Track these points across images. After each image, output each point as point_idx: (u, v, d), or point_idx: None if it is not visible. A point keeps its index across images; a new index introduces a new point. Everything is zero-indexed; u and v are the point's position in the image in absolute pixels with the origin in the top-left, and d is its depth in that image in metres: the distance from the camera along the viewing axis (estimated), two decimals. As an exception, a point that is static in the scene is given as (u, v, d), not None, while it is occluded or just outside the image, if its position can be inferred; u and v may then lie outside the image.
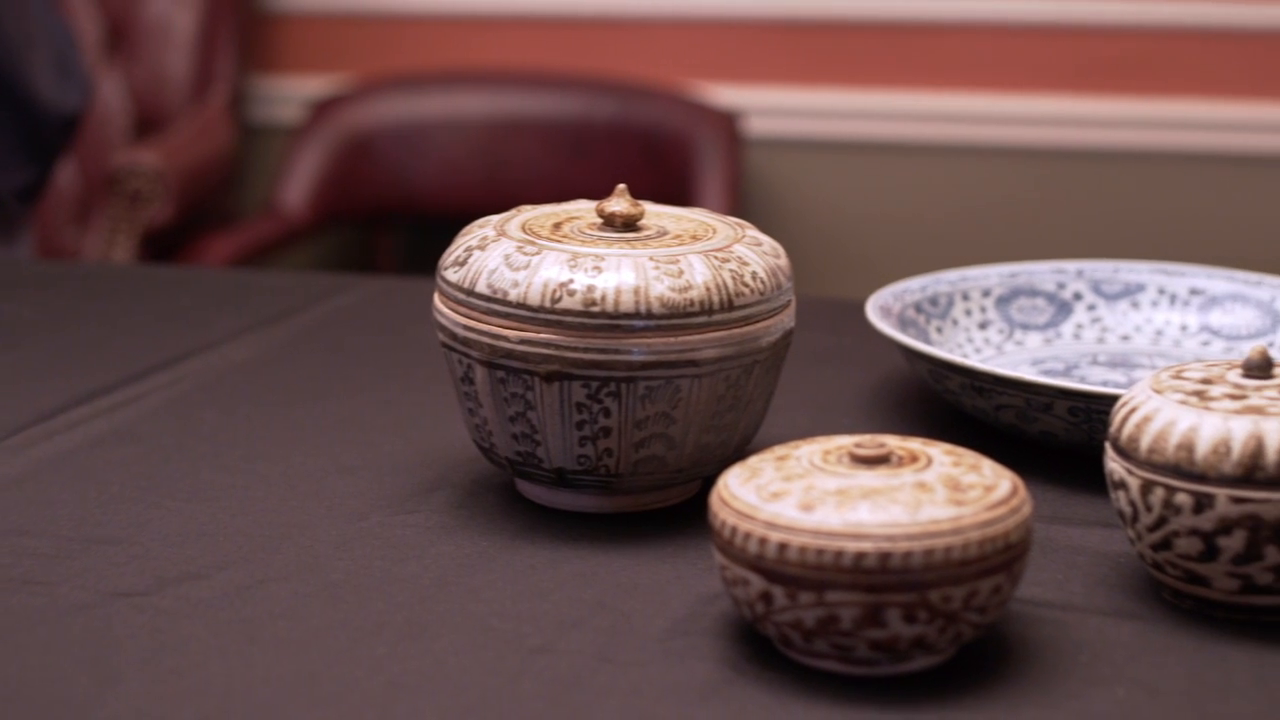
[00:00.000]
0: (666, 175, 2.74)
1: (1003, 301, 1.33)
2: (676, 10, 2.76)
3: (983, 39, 2.65)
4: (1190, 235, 2.61)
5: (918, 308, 1.27)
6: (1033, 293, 1.34)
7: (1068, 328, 1.33)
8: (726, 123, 2.74)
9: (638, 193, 1.08)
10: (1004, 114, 2.65)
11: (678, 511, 1.04)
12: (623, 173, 2.61)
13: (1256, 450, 0.87)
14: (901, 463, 0.86)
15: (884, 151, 2.72)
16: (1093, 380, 1.26)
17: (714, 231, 1.04)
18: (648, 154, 2.77)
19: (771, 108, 2.76)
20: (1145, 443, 0.90)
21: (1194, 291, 1.34)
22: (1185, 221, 2.62)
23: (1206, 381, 0.93)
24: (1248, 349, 1.07)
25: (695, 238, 1.03)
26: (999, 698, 0.85)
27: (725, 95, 2.76)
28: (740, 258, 1.01)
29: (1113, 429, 0.93)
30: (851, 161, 2.74)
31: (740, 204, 2.70)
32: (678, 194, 2.63)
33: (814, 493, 0.84)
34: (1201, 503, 0.88)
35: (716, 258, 1.00)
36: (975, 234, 2.69)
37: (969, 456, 0.88)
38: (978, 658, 0.88)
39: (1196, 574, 0.91)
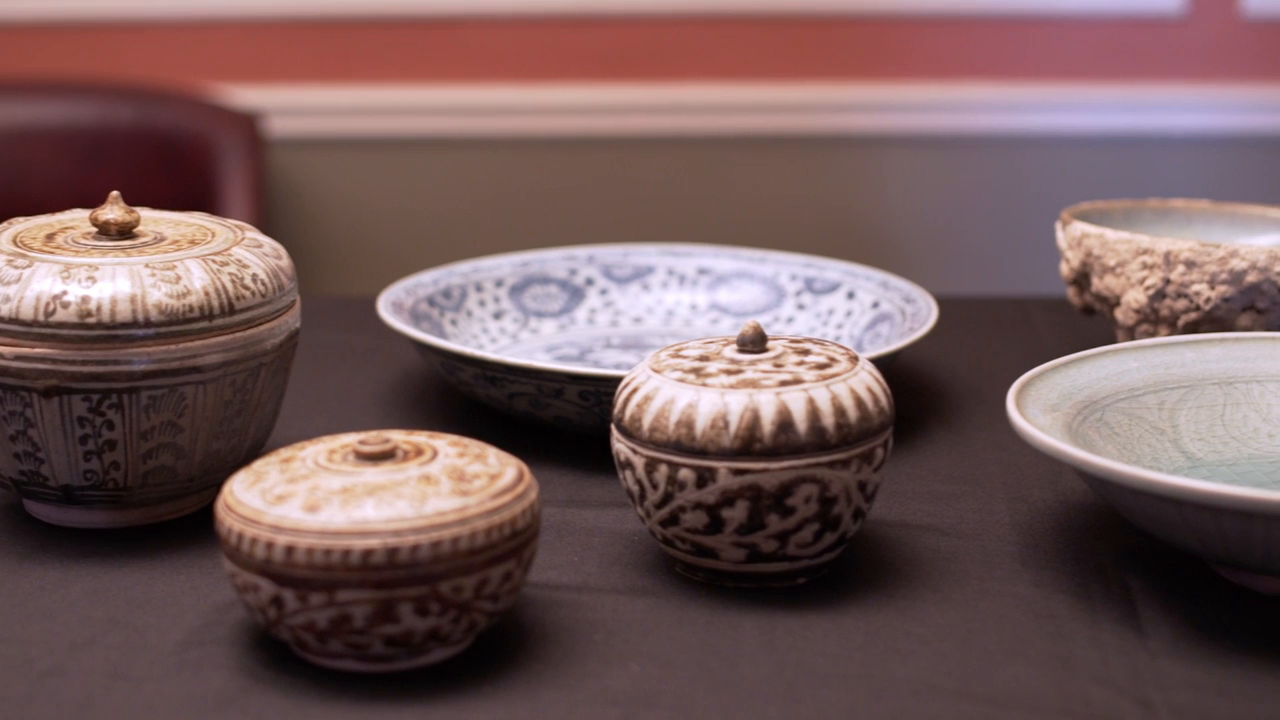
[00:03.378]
0: (188, 179, 2.69)
1: (516, 290, 1.34)
2: (191, 12, 2.71)
3: (499, 31, 2.66)
4: (698, 216, 2.67)
5: (431, 301, 1.28)
6: (545, 280, 1.35)
7: (581, 313, 1.35)
8: (247, 124, 2.70)
9: (158, 199, 1.06)
10: (517, 105, 2.67)
11: (193, 521, 1.03)
12: (143, 179, 2.55)
13: (753, 422, 0.90)
14: (407, 457, 0.86)
15: (405, 147, 2.72)
16: (607, 363, 1.28)
17: (213, 235, 1.02)
18: (168, 159, 2.71)
19: (293, 107, 2.73)
20: (647, 422, 0.92)
21: (702, 271, 1.37)
22: (693, 203, 2.68)
23: (704, 359, 0.95)
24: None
25: (193, 242, 1.01)
26: (517, 683, 0.85)
27: (245, 96, 2.72)
28: (240, 260, 1.00)
29: (616, 410, 0.95)
30: (376, 158, 2.73)
31: (265, 205, 2.67)
32: (200, 198, 2.58)
33: (319, 493, 0.83)
34: (704, 477, 0.90)
35: (215, 261, 0.99)
36: (504, 225, 2.71)
37: (474, 446, 0.89)
38: (495, 645, 0.89)
39: (704, 546, 0.93)
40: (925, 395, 1.26)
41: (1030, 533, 1.02)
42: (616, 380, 1.07)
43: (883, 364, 1.13)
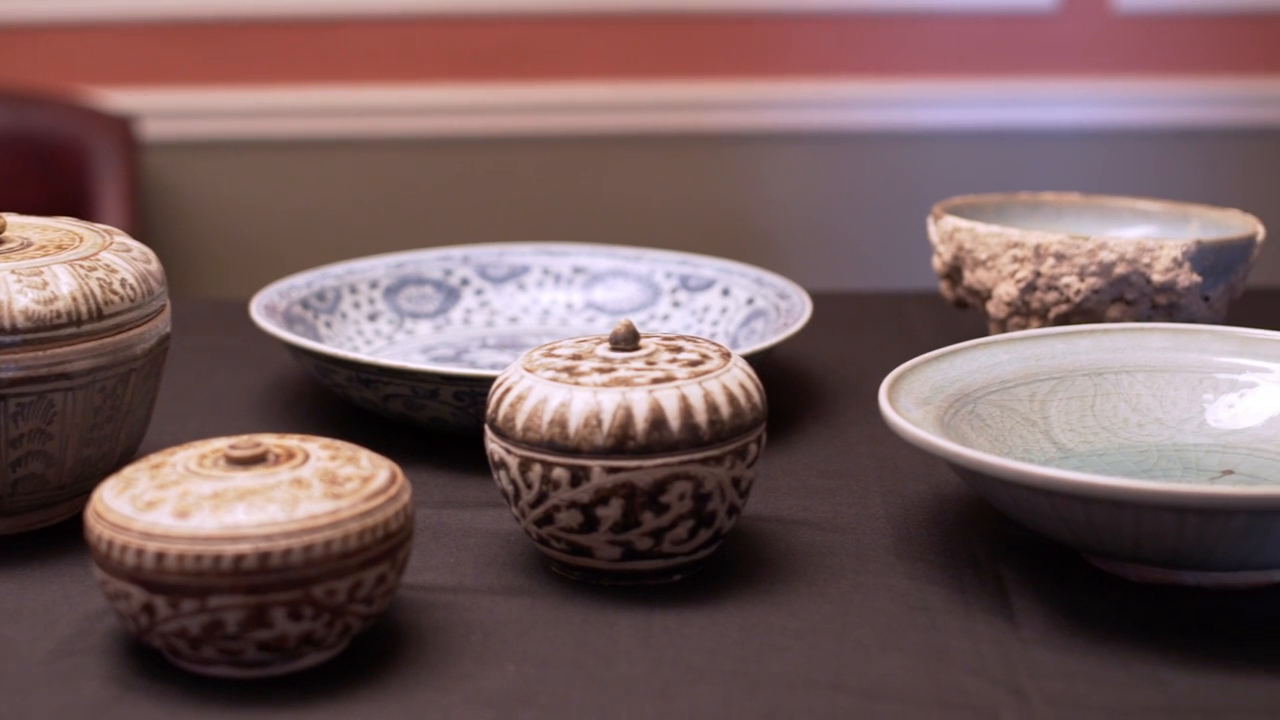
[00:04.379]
0: (62, 184, 2.66)
1: (391, 292, 1.33)
2: (64, 15, 2.69)
3: (372, 31, 2.65)
4: (574, 215, 2.67)
5: (304, 304, 1.27)
6: (420, 281, 1.35)
7: (457, 313, 1.34)
8: (121, 127, 2.68)
9: (32, 204, 1.05)
10: (391, 105, 2.66)
11: (64, 529, 1.01)
12: (16, 184, 2.52)
13: (626, 420, 0.90)
14: (278, 461, 0.86)
15: (280, 148, 2.70)
16: (483, 364, 1.27)
17: (80, 240, 1.01)
18: (41, 163, 2.68)
19: (168, 110, 2.71)
20: (520, 421, 0.92)
21: (577, 270, 1.37)
22: (569, 202, 2.68)
23: (576, 357, 0.95)
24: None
25: (61, 247, 1.00)
26: (392, 686, 0.85)
27: (119, 100, 2.70)
28: (108, 265, 0.99)
29: (489, 410, 0.94)
30: (251, 160, 2.71)
31: (140, 209, 2.64)
32: (75, 202, 2.56)
33: (190, 498, 0.83)
34: (578, 475, 0.90)
35: (83, 267, 0.98)
36: (379, 226, 2.70)
37: (347, 449, 0.88)
38: (371, 649, 0.88)
39: (580, 545, 0.93)
40: (801, 391, 1.26)
41: (904, 525, 1.03)
42: (490, 380, 1.07)
43: (757, 360, 1.14)
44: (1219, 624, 0.90)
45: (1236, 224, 1.29)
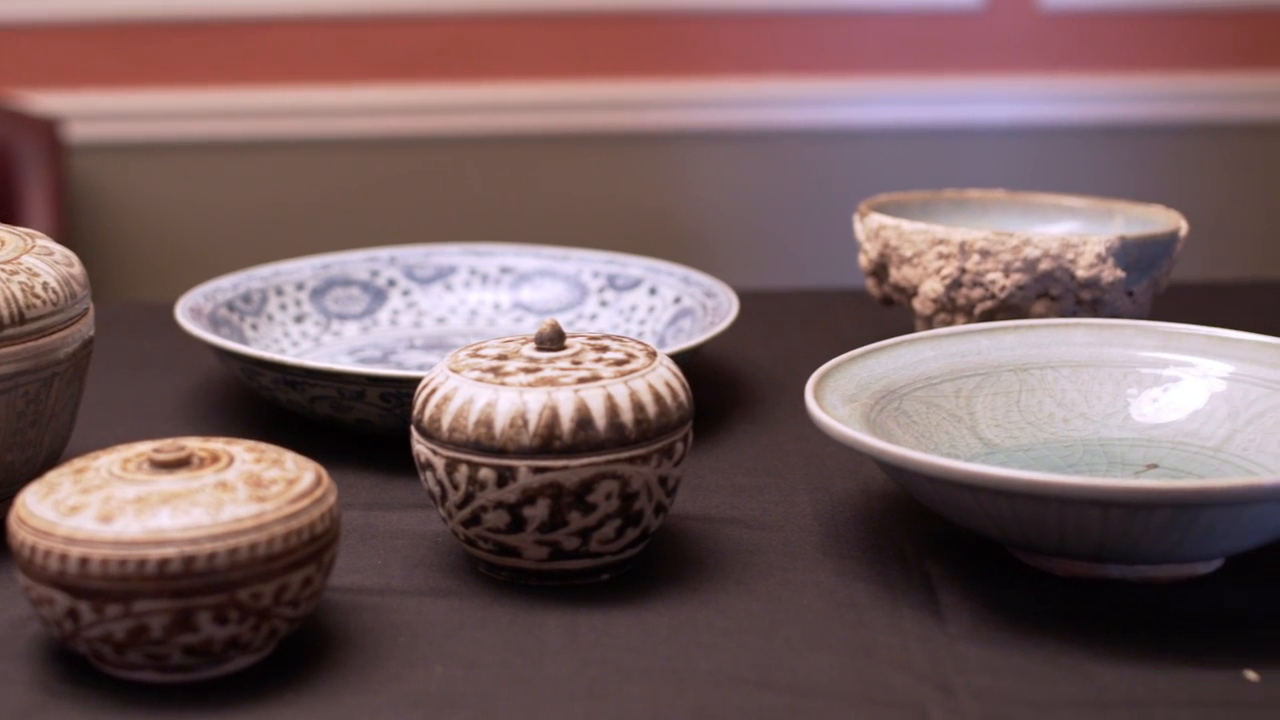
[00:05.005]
0: (-13, 188, 2.64)
1: (317, 293, 1.33)
2: (-15, 17, 2.67)
3: (298, 33, 2.64)
4: (501, 215, 2.67)
5: (230, 306, 1.26)
6: (347, 282, 1.34)
7: (384, 314, 1.34)
8: (47, 130, 2.66)
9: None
10: (318, 107, 2.65)
11: (-13, 535, 1.01)
12: (-62, 188, 2.50)
13: (552, 420, 0.90)
14: (203, 464, 0.85)
15: (206, 150, 2.69)
16: (410, 365, 1.27)
17: (2, 244, 1.01)
18: (-34, 167, 2.66)
19: (93, 112, 2.69)
20: (446, 422, 0.92)
21: (504, 270, 1.37)
22: (496, 202, 2.68)
23: (502, 358, 0.95)
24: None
25: (-19, 251, 0.99)
26: (319, 689, 0.85)
27: (45, 102, 2.68)
28: (30, 269, 0.98)
29: (415, 411, 0.94)
30: (177, 162, 2.70)
31: (66, 212, 2.63)
32: (0, 206, 2.54)
33: (113, 503, 0.82)
34: (504, 476, 0.90)
35: (4, 270, 0.97)
36: (306, 228, 2.69)
37: (272, 452, 0.88)
38: (297, 651, 0.88)
39: (507, 545, 0.93)
40: (728, 389, 1.26)
41: (832, 522, 1.03)
42: (417, 381, 1.07)
43: (684, 359, 1.14)
44: (1144, 617, 0.91)
45: (1160, 219, 1.30)
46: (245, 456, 0.87)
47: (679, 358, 1.12)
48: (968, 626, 0.90)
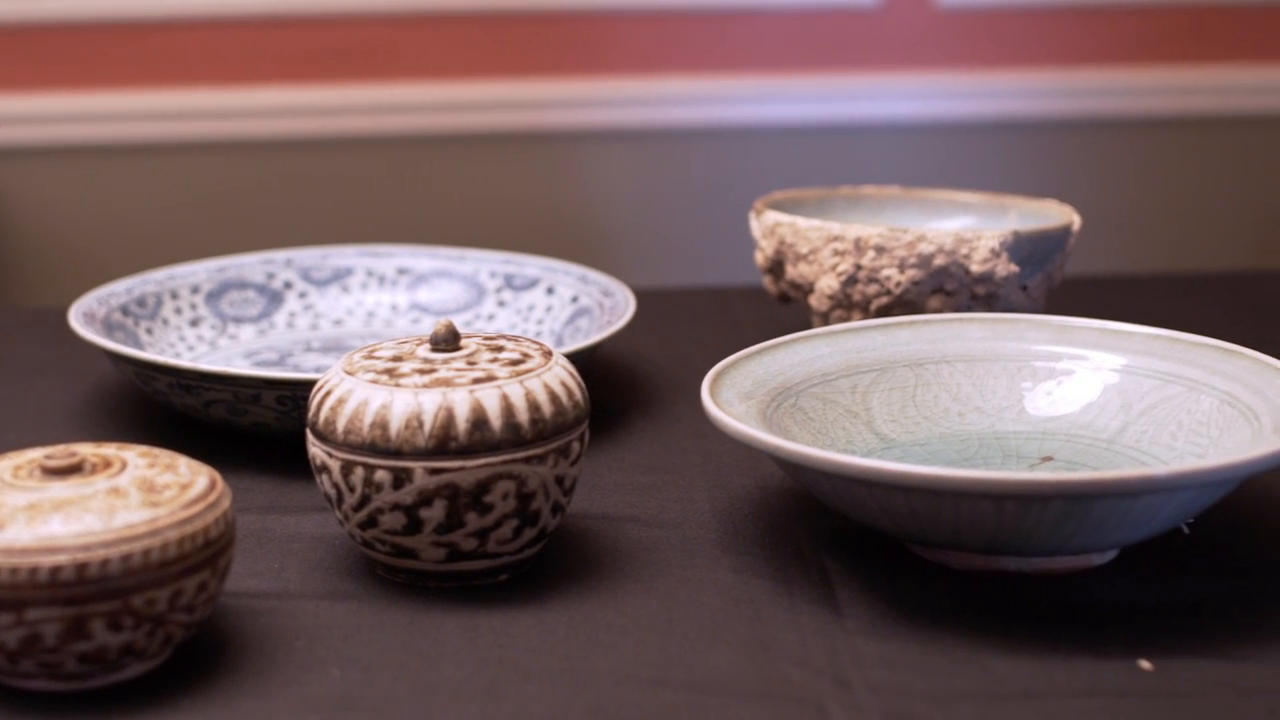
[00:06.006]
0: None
1: (213, 297, 1.32)
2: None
3: (193, 33, 2.62)
4: (398, 216, 2.65)
5: (125, 310, 1.25)
6: (243, 285, 1.34)
7: (281, 317, 1.33)
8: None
9: None
10: (213, 109, 2.63)
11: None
12: None
13: (447, 421, 0.90)
14: (95, 470, 0.84)
15: (98, 154, 2.66)
16: (307, 367, 1.26)
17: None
18: None
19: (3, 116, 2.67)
20: (341, 424, 0.91)
21: (401, 271, 1.37)
22: (392, 203, 2.67)
23: (397, 359, 0.94)
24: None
25: None
26: (216, 694, 0.84)
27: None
28: (-83, 275, 0.97)
29: (310, 414, 0.94)
30: (68, 166, 2.67)
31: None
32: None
33: (4, 510, 0.81)
34: (400, 478, 0.90)
35: (-110, 277, 0.96)
36: (201, 231, 2.67)
37: (165, 457, 0.87)
38: (194, 657, 0.87)
39: (404, 547, 0.92)
40: (626, 387, 1.26)
41: (730, 519, 1.03)
42: (312, 384, 1.06)
43: (582, 357, 1.14)
44: (1040, 609, 0.92)
45: (1053, 214, 1.31)
46: (138, 462, 0.86)
47: (576, 357, 1.12)
48: (865, 621, 0.91)
